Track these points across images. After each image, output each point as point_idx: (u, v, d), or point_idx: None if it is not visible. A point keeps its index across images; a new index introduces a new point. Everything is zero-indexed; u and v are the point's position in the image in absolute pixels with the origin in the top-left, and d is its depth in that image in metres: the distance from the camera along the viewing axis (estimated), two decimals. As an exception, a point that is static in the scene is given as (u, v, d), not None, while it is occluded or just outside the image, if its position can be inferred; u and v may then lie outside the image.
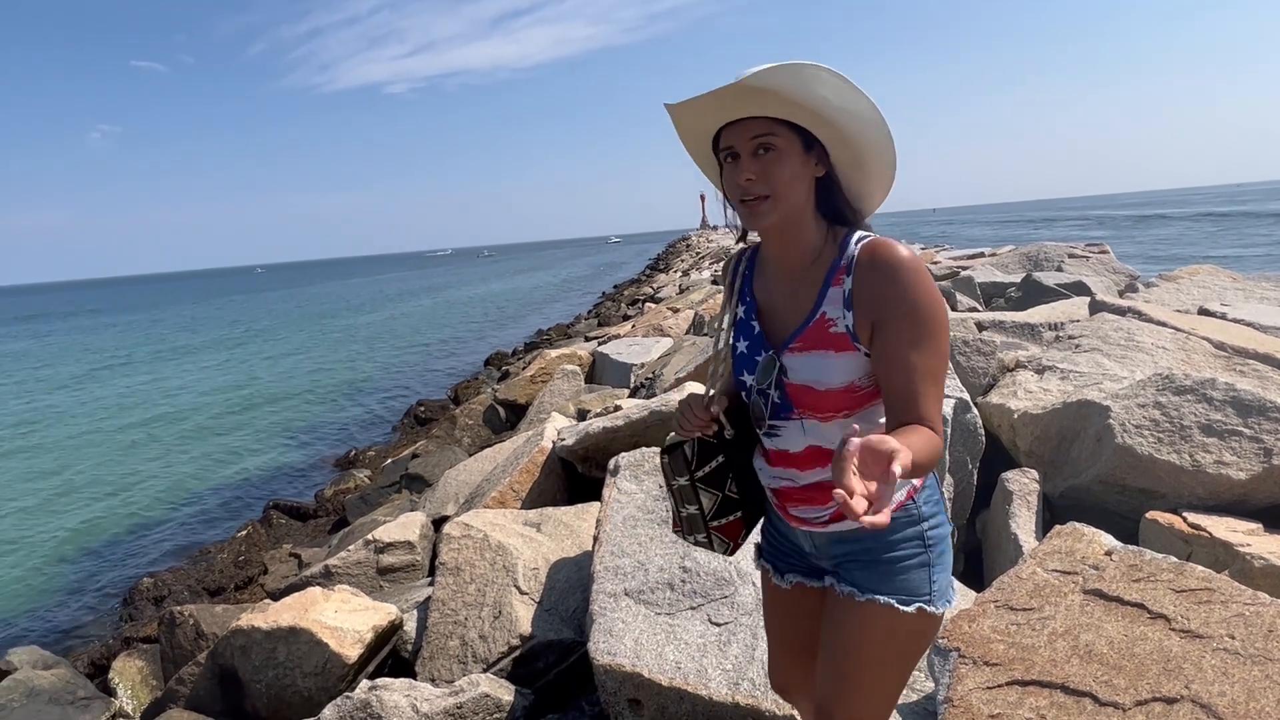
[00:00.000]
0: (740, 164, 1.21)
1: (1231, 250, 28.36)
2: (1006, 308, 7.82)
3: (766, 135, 1.17)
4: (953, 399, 3.01)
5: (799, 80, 1.10)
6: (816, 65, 1.10)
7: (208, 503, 11.51)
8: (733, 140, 1.20)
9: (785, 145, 1.19)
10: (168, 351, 30.55)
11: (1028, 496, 2.80)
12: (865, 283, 1.20)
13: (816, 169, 1.23)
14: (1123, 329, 4.06)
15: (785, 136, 1.18)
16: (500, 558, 4.03)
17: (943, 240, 35.18)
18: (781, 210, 1.21)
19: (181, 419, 16.74)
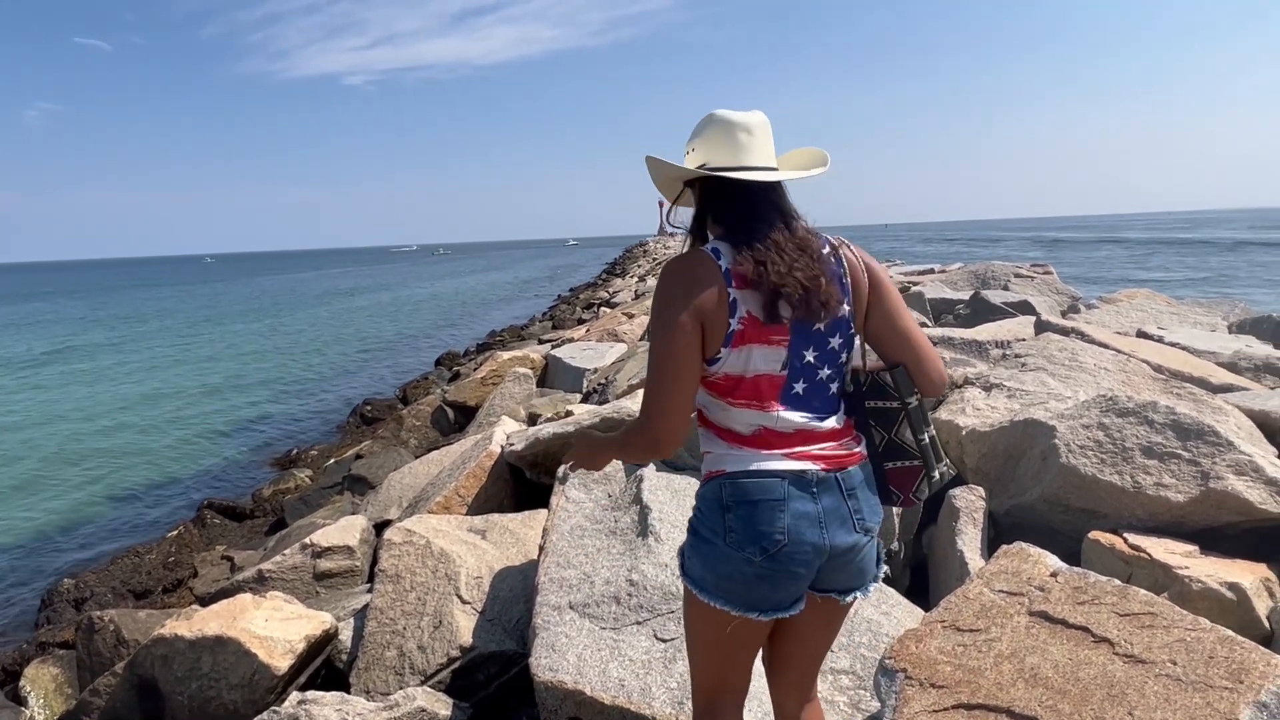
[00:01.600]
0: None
1: (1156, 275, 29.60)
2: (955, 324, 7.98)
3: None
4: (903, 415, 3.02)
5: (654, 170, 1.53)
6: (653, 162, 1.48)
7: (138, 501, 11.02)
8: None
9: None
10: (104, 342, 29.33)
11: (974, 514, 2.82)
12: None
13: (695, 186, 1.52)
14: (1067, 349, 4.15)
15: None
16: (442, 565, 3.91)
17: (894, 255, 36.00)
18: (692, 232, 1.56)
19: (114, 413, 16.04)
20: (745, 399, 1.41)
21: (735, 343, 1.37)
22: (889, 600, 2.62)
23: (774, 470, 1.38)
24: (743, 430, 1.42)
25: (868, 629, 2.40)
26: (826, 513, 1.38)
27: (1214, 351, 4.87)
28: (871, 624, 2.42)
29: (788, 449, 1.40)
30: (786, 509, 1.36)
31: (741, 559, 1.37)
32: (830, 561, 1.41)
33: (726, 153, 1.41)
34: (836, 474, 1.40)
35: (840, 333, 1.42)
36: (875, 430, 1.48)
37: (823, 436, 1.42)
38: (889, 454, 1.48)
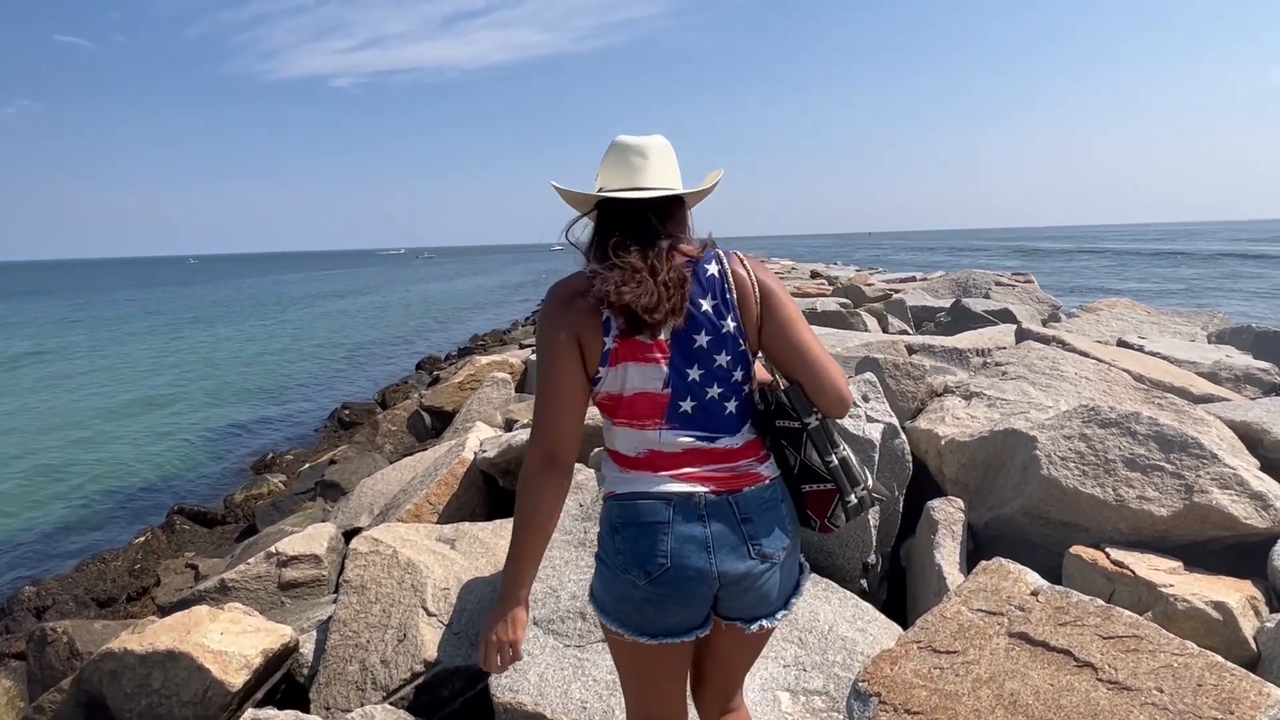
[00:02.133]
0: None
1: (1131, 284, 29.95)
2: (936, 332, 7.95)
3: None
4: (880, 424, 2.94)
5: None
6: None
7: (109, 506, 10.76)
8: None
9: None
10: (82, 344, 28.87)
11: (953, 526, 2.74)
12: None
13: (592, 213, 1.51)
14: (1048, 358, 4.09)
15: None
16: (409, 576, 3.79)
17: (876, 263, 36.17)
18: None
19: (89, 416, 15.73)
20: (625, 418, 1.40)
21: (611, 361, 1.37)
22: (865, 616, 2.53)
23: (659, 493, 1.37)
24: (628, 452, 1.42)
25: (843, 647, 2.31)
26: (715, 537, 1.35)
27: (1194, 361, 4.84)
28: (847, 642, 2.33)
29: (674, 470, 1.38)
30: (670, 532, 1.34)
31: (628, 581, 1.37)
32: (725, 589, 1.38)
33: (619, 176, 1.41)
34: (729, 496, 1.37)
35: (727, 349, 1.38)
36: (789, 451, 1.44)
37: (715, 457, 1.39)
38: (804, 477, 1.44)
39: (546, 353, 1.37)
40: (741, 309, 1.40)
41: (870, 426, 2.89)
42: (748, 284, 1.40)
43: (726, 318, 1.38)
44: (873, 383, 3.02)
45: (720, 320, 1.37)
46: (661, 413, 1.38)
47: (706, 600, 1.39)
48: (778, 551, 1.40)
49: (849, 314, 7.91)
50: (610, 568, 1.40)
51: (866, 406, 2.96)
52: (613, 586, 1.40)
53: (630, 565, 1.36)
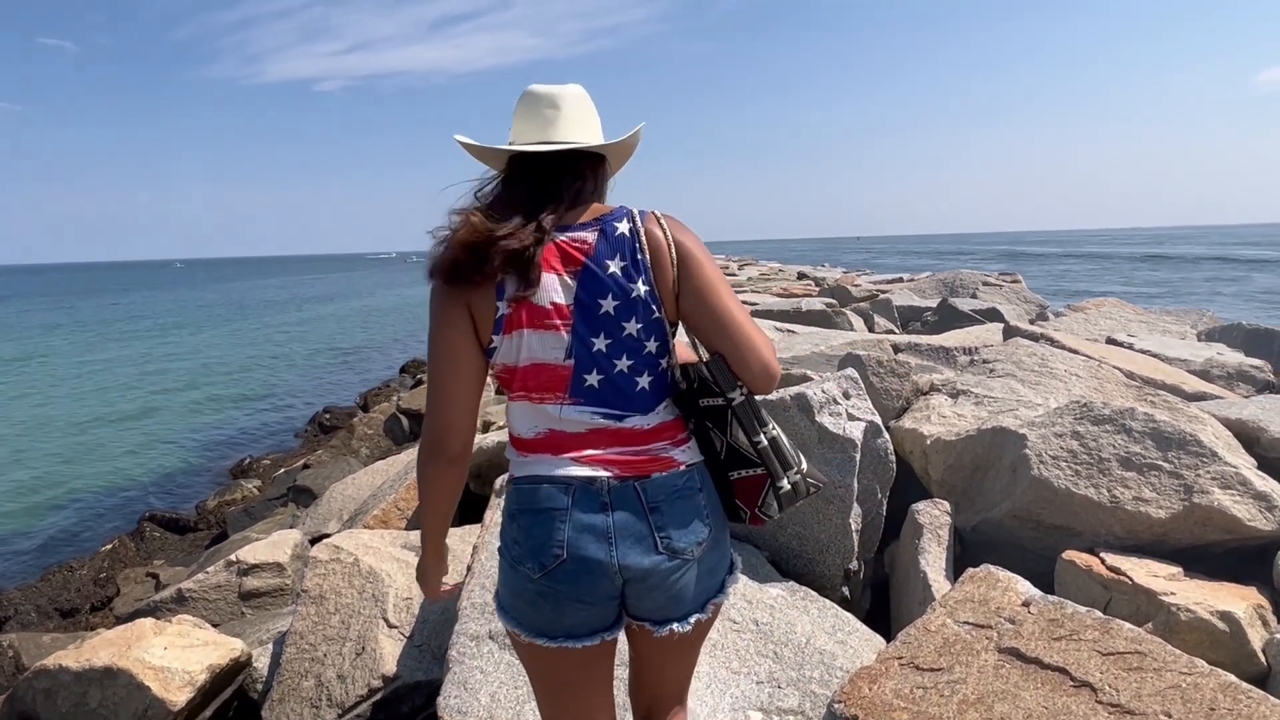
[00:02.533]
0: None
1: (1116, 287, 30.07)
2: (923, 331, 7.83)
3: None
4: (862, 422, 2.78)
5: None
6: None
7: (83, 512, 10.50)
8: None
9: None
10: (63, 347, 28.48)
11: (938, 530, 2.58)
12: None
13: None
14: (1036, 355, 3.95)
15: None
16: (371, 585, 3.60)
17: (865, 266, 36.18)
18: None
19: (67, 419, 15.45)
20: (521, 391, 1.27)
21: (506, 328, 1.23)
22: (846, 627, 2.37)
23: (558, 476, 1.24)
24: (526, 433, 1.29)
25: (820, 661, 2.14)
26: (618, 527, 1.22)
27: (1185, 359, 4.72)
28: (825, 655, 2.17)
29: (576, 452, 1.25)
30: (568, 520, 1.22)
31: (523, 575, 1.25)
32: (631, 585, 1.24)
33: (530, 129, 1.28)
34: (635, 482, 1.24)
35: (638, 316, 1.24)
36: (714, 434, 1.29)
37: (623, 438, 1.26)
38: (731, 462, 1.29)
39: (431, 322, 1.24)
40: (656, 272, 1.25)
41: (851, 425, 2.73)
42: (663, 244, 1.25)
43: (637, 281, 1.23)
44: (854, 379, 2.87)
45: (630, 283, 1.23)
46: (564, 386, 1.25)
47: (611, 597, 1.26)
48: (690, 547, 1.25)
49: (834, 313, 7.78)
50: (507, 559, 1.28)
51: (848, 404, 2.80)
52: (510, 580, 1.28)
53: (525, 557, 1.24)
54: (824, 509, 2.75)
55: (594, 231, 1.24)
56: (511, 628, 1.29)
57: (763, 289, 14.52)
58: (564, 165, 1.26)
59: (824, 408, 2.75)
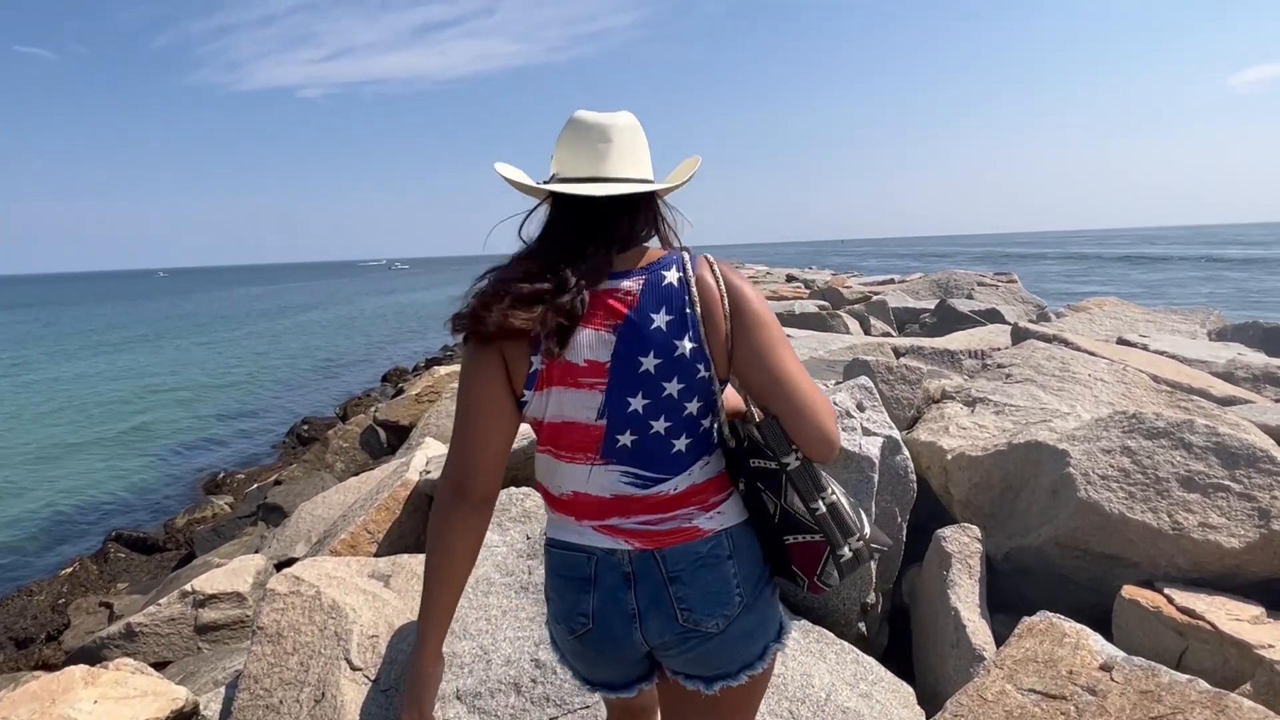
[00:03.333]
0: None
1: (1104, 288, 30.09)
2: (921, 333, 7.56)
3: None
4: (879, 437, 2.48)
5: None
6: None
7: (48, 529, 10.06)
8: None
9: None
10: (40, 355, 27.88)
11: (969, 560, 2.27)
12: None
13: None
14: (1055, 358, 3.67)
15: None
16: (333, 622, 3.26)
17: (851, 268, 36.00)
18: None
19: (40, 432, 15.01)
20: (548, 446, 1.22)
21: (538, 385, 1.17)
22: (869, 676, 2.05)
23: (581, 545, 1.22)
24: (552, 489, 1.25)
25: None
26: (640, 601, 1.18)
27: (1205, 360, 4.45)
28: (849, 715, 1.85)
29: (598, 520, 1.20)
30: (594, 591, 1.20)
31: (561, 631, 1.27)
32: (664, 652, 1.22)
33: (577, 162, 1.19)
34: (655, 554, 1.18)
35: (680, 376, 1.15)
36: (766, 497, 1.18)
37: (647, 507, 1.19)
38: (786, 526, 1.18)
39: (466, 365, 1.19)
40: (706, 326, 1.15)
41: (867, 441, 2.42)
42: (715, 295, 1.15)
43: (684, 338, 1.14)
44: (868, 389, 2.56)
45: (676, 340, 1.13)
46: (595, 447, 1.18)
47: (641, 658, 1.25)
48: (715, 620, 1.18)
49: (829, 316, 7.50)
50: (549, 611, 1.30)
51: (862, 416, 2.50)
52: (557, 631, 1.30)
53: (559, 617, 1.26)
54: (838, 536, 2.43)
55: (639, 280, 1.16)
56: (565, 667, 1.33)
57: (752, 292, 14.24)
58: (615, 205, 1.17)
59: (837, 422, 2.44)
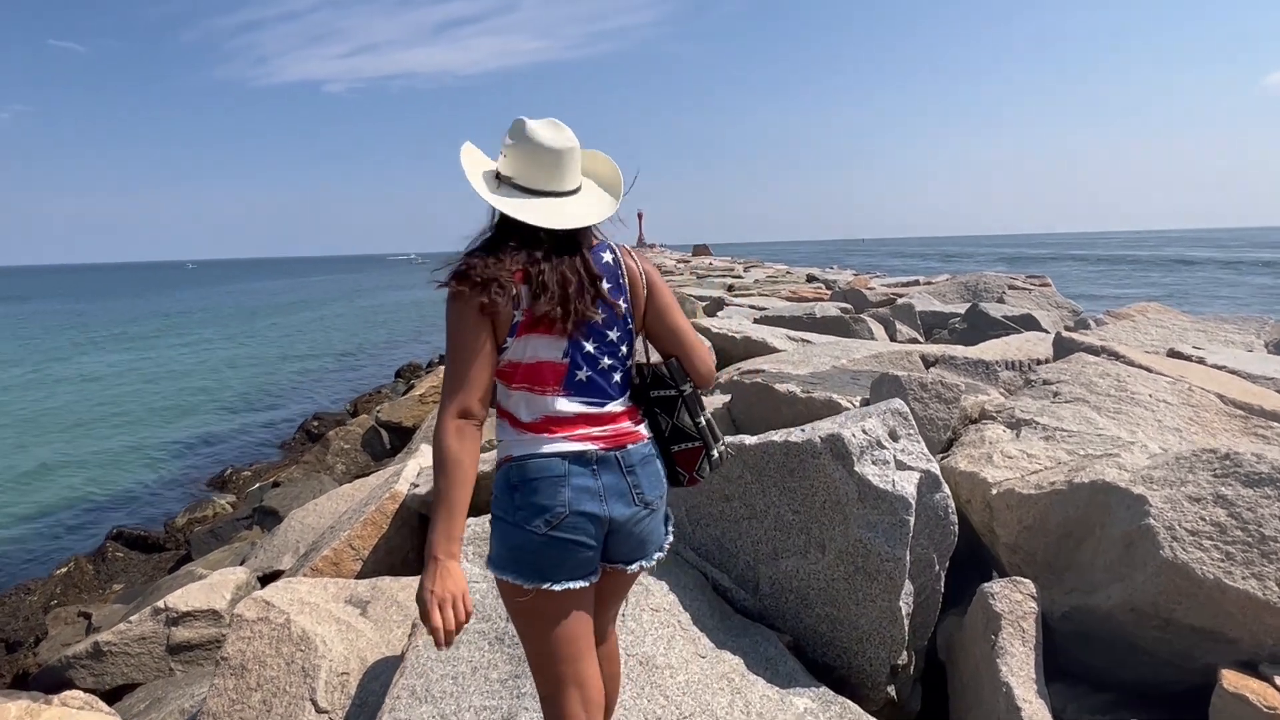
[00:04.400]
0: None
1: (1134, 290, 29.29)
2: (950, 340, 7.15)
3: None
4: (915, 471, 2.12)
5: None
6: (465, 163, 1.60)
7: (53, 523, 9.93)
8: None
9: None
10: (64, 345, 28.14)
11: (1022, 623, 1.92)
12: None
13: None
14: (1110, 375, 3.28)
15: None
16: (300, 655, 2.96)
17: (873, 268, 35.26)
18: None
19: (54, 424, 15.00)
20: (524, 383, 1.52)
21: (518, 333, 1.49)
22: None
23: (556, 452, 1.50)
24: (525, 417, 1.53)
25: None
26: (606, 487, 1.51)
27: (1271, 377, 4.02)
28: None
29: (568, 432, 1.52)
30: (568, 484, 1.48)
31: (528, 533, 1.47)
32: (613, 534, 1.53)
33: (539, 175, 1.54)
34: (616, 452, 1.53)
35: (618, 328, 1.57)
36: (660, 417, 1.62)
37: (603, 420, 1.54)
38: (674, 438, 1.62)
39: (460, 322, 1.47)
40: (631, 293, 1.59)
41: (902, 477, 2.07)
42: (637, 273, 1.61)
43: (619, 299, 1.57)
44: (903, 415, 2.20)
45: (615, 300, 1.55)
46: (560, 380, 1.52)
47: (598, 544, 1.52)
48: (656, 499, 1.58)
49: (852, 320, 7.10)
50: (508, 523, 1.49)
51: (895, 447, 2.14)
52: (510, 539, 1.49)
53: (531, 517, 1.46)
54: (865, 587, 2.08)
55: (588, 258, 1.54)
56: (513, 580, 1.48)
57: (770, 292, 13.83)
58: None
59: (865, 453, 2.09)
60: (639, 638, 2.02)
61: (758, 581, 2.31)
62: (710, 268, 27.62)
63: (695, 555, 2.43)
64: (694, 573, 2.39)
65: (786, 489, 2.19)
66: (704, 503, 2.39)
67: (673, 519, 1.69)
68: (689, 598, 2.23)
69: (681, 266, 29.87)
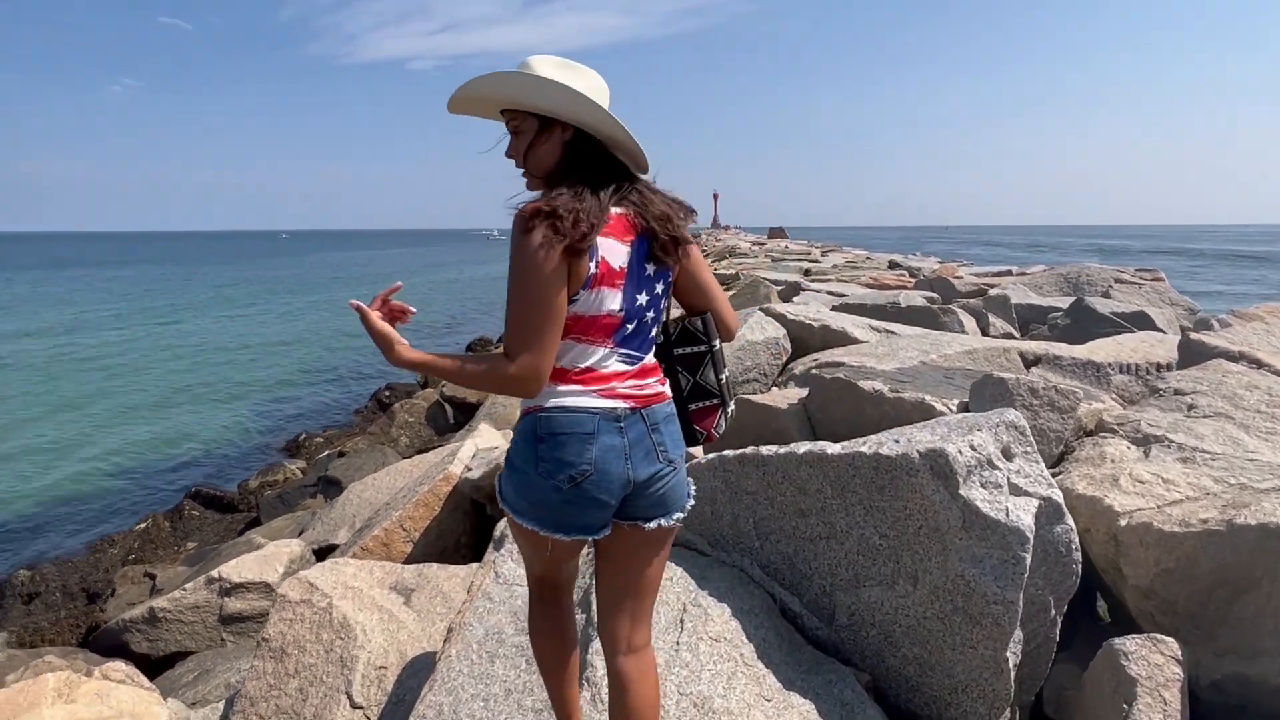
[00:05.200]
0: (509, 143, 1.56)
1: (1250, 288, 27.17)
2: (1050, 337, 6.57)
3: (511, 121, 1.51)
4: (1035, 498, 1.77)
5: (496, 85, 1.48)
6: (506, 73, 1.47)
7: (138, 479, 10.37)
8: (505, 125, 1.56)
9: (524, 126, 1.50)
10: (165, 308, 29.78)
11: (1163, 690, 1.57)
12: None
13: (565, 134, 1.49)
14: (1258, 387, 2.81)
15: (524, 119, 1.50)
16: (340, 643, 2.83)
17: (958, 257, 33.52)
18: (532, 174, 1.52)
19: (157, 383, 15.68)
20: (579, 334, 1.46)
21: (593, 284, 1.43)
22: None
23: (586, 407, 1.46)
24: (570, 365, 1.47)
25: None
26: (632, 445, 1.47)
27: None
28: None
29: (602, 386, 1.48)
30: (595, 442, 1.44)
31: (551, 486, 1.45)
32: (635, 491, 1.50)
33: (599, 100, 1.46)
34: (643, 411, 1.50)
35: (663, 280, 1.53)
36: (682, 375, 1.62)
37: (635, 375, 1.51)
38: (693, 396, 1.62)
39: (537, 272, 1.37)
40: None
41: (1018, 504, 1.73)
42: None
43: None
44: (1019, 429, 1.85)
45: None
46: (611, 333, 1.48)
47: (617, 502, 1.50)
48: (678, 457, 1.55)
49: (940, 311, 6.60)
50: (528, 474, 1.47)
51: (1009, 468, 1.80)
52: (529, 492, 1.47)
53: (555, 471, 1.44)
54: (965, 630, 1.76)
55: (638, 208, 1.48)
56: (530, 526, 1.49)
57: (849, 278, 13.22)
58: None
59: (973, 474, 1.75)
60: (695, 672, 1.75)
61: (834, 610, 2.01)
62: (786, 251, 26.86)
63: (763, 573, 2.15)
64: (760, 594, 2.10)
65: (874, 508, 1.88)
66: (775, 515, 2.10)
67: (693, 484, 1.64)
68: (754, 624, 1.95)
69: (756, 249, 29.19)
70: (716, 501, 2.24)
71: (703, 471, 2.25)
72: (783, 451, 2.05)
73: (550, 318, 1.38)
